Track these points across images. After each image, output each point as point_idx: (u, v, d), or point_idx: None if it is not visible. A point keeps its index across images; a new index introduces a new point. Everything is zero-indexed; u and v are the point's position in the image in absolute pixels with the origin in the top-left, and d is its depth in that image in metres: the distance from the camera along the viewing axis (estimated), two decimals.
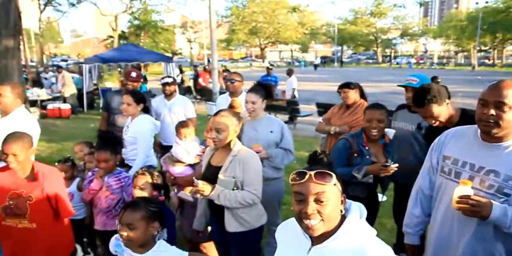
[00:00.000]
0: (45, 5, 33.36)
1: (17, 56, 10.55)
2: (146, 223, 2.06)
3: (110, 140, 3.20)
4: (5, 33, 10.14)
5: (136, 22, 42.84)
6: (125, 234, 2.03)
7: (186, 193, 3.35)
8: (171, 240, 2.40)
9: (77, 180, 3.72)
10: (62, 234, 2.81)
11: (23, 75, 12.75)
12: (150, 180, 2.74)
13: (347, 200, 1.55)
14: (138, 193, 2.69)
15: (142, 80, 5.38)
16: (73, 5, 36.08)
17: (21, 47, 11.90)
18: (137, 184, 2.72)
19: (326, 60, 58.95)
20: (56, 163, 3.71)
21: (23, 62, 17.33)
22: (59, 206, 2.62)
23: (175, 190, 3.62)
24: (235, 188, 2.63)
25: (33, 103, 13.33)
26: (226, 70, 16.36)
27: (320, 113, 9.66)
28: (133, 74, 4.68)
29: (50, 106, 13.63)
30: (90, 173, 3.36)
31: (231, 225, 2.72)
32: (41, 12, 32.64)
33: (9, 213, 2.56)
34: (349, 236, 1.46)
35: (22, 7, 12.28)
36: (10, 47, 10.24)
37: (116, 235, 2.15)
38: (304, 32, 58.77)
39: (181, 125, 3.57)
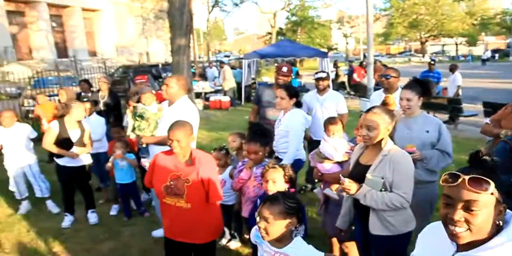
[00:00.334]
0: (213, 6, 36.42)
1: (187, 53, 11.76)
2: (284, 218, 2.05)
3: (260, 133, 3.31)
4: (179, 33, 11.36)
5: (294, 18, 44.02)
6: (262, 226, 2.06)
7: (332, 190, 3.31)
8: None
9: (230, 168, 3.96)
10: (213, 216, 3.01)
11: (191, 69, 14.15)
12: (281, 173, 2.74)
13: (508, 210, 1.34)
14: (270, 186, 2.71)
15: (293, 75, 5.47)
16: (236, 5, 38.68)
17: (191, 44, 13.21)
18: (268, 178, 2.75)
19: (497, 54, 52.34)
20: (212, 151, 4.00)
21: (192, 58, 19.29)
22: (210, 190, 2.83)
23: (321, 186, 3.60)
24: (382, 189, 2.48)
25: (198, 95, 14.73)
26: (383, 65, 15.70)
27: (487, 114, 8.63)
28: (284, 69, 4.78)
29: (212, 98, 14.88)
30: (240, 163, 3.53)
31: (376, 227, 2.58)
32: (209, 13, 35.74)
33: (169, 192, 2.85)
34: (503, 251, 1.26)
35: (194, 9, 13.60)
36: (182, 45, 11.45)
37: (256, 226, 2.20)
38: (472, 23, 53.07)
39: (330, 122, 3.52)
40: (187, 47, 11.66)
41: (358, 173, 2.62)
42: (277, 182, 2.72)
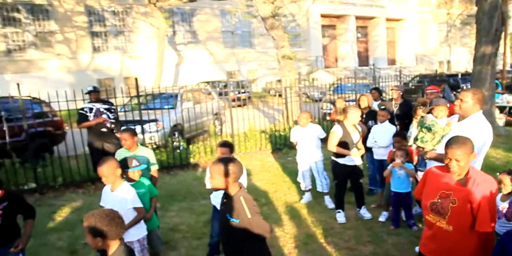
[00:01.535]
0: None
1: (492, 61, 10.56)
2: None
3: None
4: (485, 40, 10.33)
5: None
6: None
7: None
8: None
9: None
10: (476, 245, 2.62)
11: (495, 80, 12.61)
12: None
13: None
14: None
15: None
16: None
17: (501, 52, 11.75)
18: None
19: None
20: (498, 173, 3.51)
21: (500, 67, 17.18)
22: (479, 216, 2.48)
23: None
24: None
25: (501, 109, 13.02)
26: None
27: None
28: None
29: None
30: None
31: None
32: None
33: (433, 209, 2.68)
34: None
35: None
36: (487, 53, 10.36)
37: None
38: None
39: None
40: (493, 55, 10.49)
41: None
42: None
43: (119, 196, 3.40)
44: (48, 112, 9.57)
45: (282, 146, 9.42)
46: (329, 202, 5.86)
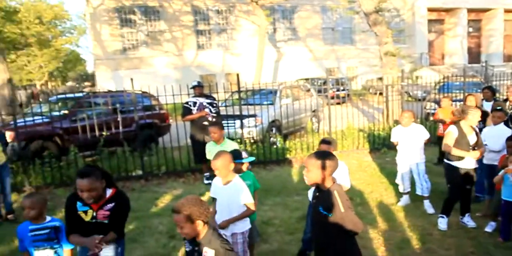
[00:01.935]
0: None
1: None
2: None
3: None
4: None
5: None
6: None
7: None
8: None
9: None
10: None
11: None
12: None
13: None
14: None
15: None
16: None
17: None
18: None
19: None
20: None
21: None
22: None
23: None
24: None
25: None
26: None
27: None
28: None
29: None
30: None
31: None
32: None
33: None
34: None
35: None
36: None
37: None
38: None
39: None
40: None
41: None
42: None
43: (232, 190, 3.44)
44: (155, 106, 10.34)
45: (380, 146, 9.11)
46: (428, 207, 5.55)
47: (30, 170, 7.35)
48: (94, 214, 3.00)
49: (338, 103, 10.89)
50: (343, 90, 13.08)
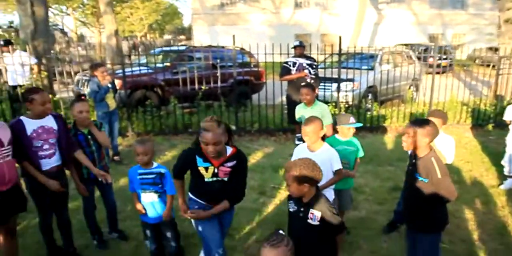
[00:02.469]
0: None
1: None
2: None
3: None
4: None
5: None
6: None
7: None
8: None
9: None
10: None
11: None
12: None
13: None
14: None
15: None
16: None
17: None
18: None
19: None
20: None
21: None
22: None
23: None
24: None
25: None
26: None
27: None
28: None
29: None
30: None
31: None
32: None
33: None
34: None
35: None
36: None
37: None
38: None
39: None
40: None
41: None
42: None
43: (321, 157, 3.27)
44: (251, 63, 10.42)
45: (484, 123, 8.46)
46: None
47: (133, 117, 7.91)
48: (216, 170, 2.95)
49: (438, 73, 10.15)
50: (445, 59, 12.11)
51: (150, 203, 3.45)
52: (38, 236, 3.73)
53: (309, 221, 2.50)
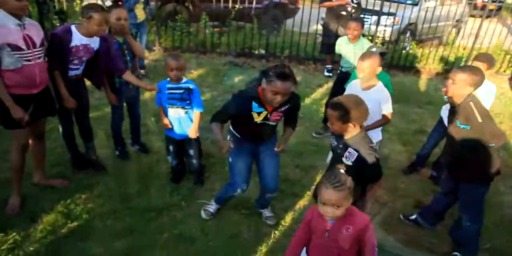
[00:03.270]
0: None
1: None
2: None
3: None
4: None
5: None
6: None
7: None
8: None
9: None
10: None
11: None
12: None
13: None
14: None
15: None
16: None
17: None
18: None
19: None
20: None
21: None
22: None
23: None
24: None
25: None
26: None
27: None
28: None
29: None
30: None
31: None
32: None
33: None
34: None
35: None
36: None
37: None
38: None
39: None
40: None
41: None
42: None
43: (373, 97, 3.11)
44: None
45: None
46: None
47: (161, 32, 7.69)
48: (268, 115, 2.80)
49: (486, 16, 9.45)
50: (494, 1, 11.20)
51: (177, 119, 3.44)
52: (62, 141, 3.77)
53: (343, 159, 2.44)
